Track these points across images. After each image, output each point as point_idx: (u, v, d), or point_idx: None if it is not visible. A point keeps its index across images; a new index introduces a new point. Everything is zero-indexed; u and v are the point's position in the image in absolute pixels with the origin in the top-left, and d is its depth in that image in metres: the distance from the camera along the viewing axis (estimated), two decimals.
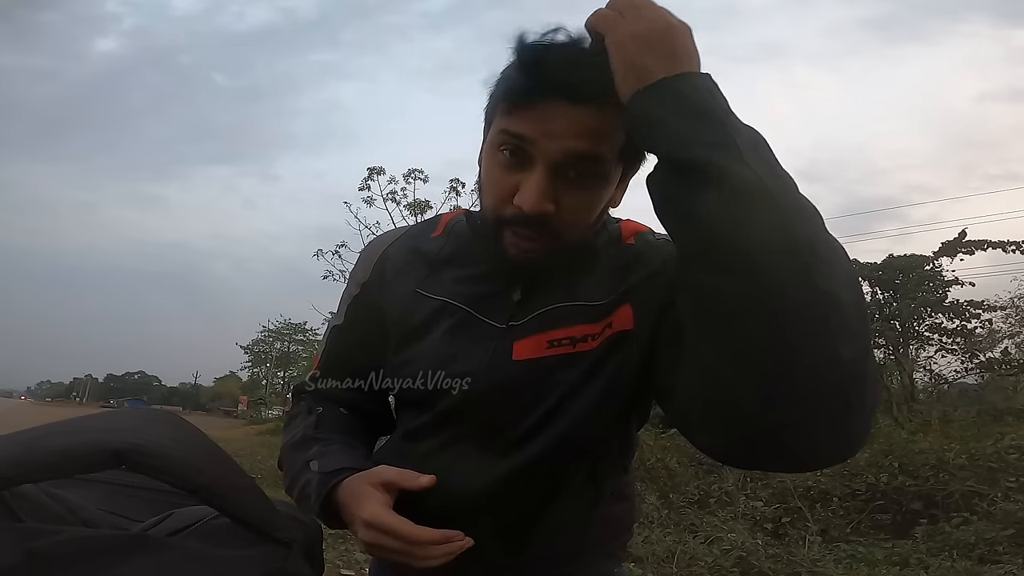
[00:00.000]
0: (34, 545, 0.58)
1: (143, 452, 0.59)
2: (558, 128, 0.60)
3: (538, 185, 0.62)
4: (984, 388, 11.37)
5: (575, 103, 0.60)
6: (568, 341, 0.69)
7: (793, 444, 0.50)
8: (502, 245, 0.67)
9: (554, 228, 0.65)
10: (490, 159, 0.67)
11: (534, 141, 0.61)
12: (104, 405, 61.25)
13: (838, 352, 0.45)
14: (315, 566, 0.79)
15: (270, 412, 33.61)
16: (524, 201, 0.62)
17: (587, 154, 0.61)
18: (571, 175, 0.63)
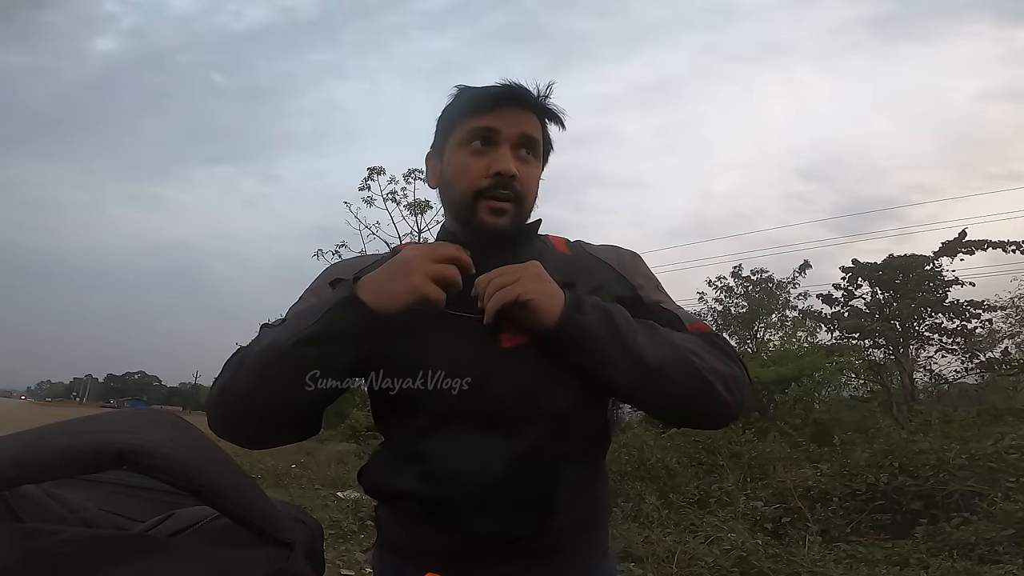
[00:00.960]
0: (35, 545, 0.58)
1: (145, 453, 0.59)
2: (515, 121, 0.86)
3: (508, 155, 0.85)
4: (984, 388, 11.37)
5: (523, 108, 0.88)
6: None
7: (699, 424, 0.92)
8: (478, 217, 0.85)
9: (518, 191, 0.86)
10: (460, 153, 0.87)
11: (499, 129, 0.86)
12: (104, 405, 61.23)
13: (718, 396, 0.80)
14: (316, 566, 0.80)
15: None
16: (501, 165, 0.84)
17: (533, 137, 0.88)
18: (523, 152, 0.88)
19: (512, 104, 0.86)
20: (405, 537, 0.85)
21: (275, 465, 8.65)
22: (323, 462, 9.47)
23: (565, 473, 0.81)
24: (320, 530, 0.86)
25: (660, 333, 0.81)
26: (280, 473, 8.03)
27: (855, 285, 14.15)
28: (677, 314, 0.89)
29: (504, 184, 0.84)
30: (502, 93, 0.86)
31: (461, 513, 0.78)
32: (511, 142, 0.86)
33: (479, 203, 0.85)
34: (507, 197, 0.84)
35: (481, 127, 0.85)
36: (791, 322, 16.51)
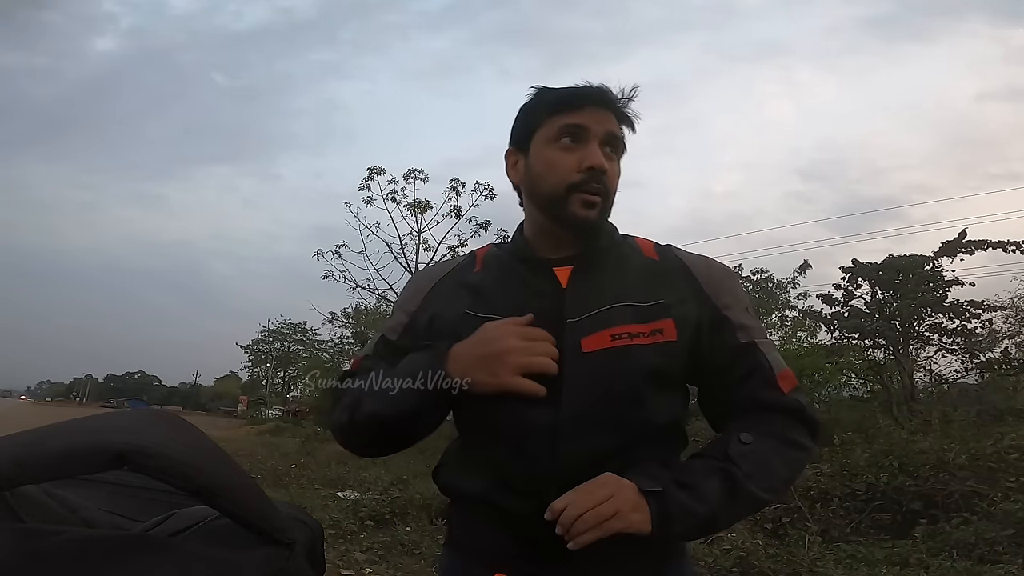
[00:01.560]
0: (36, 545, 0.58)
1: (145, 453, 0.59)
2: (602, 120, 0.90)
3: (598, 150, 0.89)
4: (984, 388, 11.36)
5: (607, 108, 0.91)
6: (627, 335, 0.84)
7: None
8: (570, 210, 0.88)
9: (607, 187, 0.89)
10: (548, 150, 0.90)
11: (589, 127, 0.89)
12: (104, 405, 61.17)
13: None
14: (316, 566, 0.80)
15: (270, 412, 33.59)
16: (594, 159, 0.87)
17: (618, 136, 0.92)
18: (608, 150, 0.91)
19: (599, 104, 0.90)
20: (474, 537, 0.87)
21: (275, 465, 8.66)
22: (323, 462, 9.46)
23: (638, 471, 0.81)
24: (320, 530, 0.86)
25: (740, 492, 0.79)
26: (280, 473, 8.03)
27: (855, 285, 14.13)
28: (765, 362, 0.87)
29: (596, 178, 0.87)
30: (591, 93, 0.90)
31: (532, 519, 0.78)
32: (599, 139, 0.89)
33: (571, 196, 0.88)
34: (598, 191, 0.88)
35: (571, 124, 0.89)
36: (791, 322, 16.51)
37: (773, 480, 0.82)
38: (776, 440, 0.83)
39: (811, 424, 0.86)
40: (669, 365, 0.85)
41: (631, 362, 0.82)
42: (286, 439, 15.42)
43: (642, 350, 0.83)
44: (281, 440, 15.22)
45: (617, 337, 0.83)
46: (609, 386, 0.82)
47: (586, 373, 0.82)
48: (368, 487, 6.89)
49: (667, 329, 0.85)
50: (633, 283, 0.89)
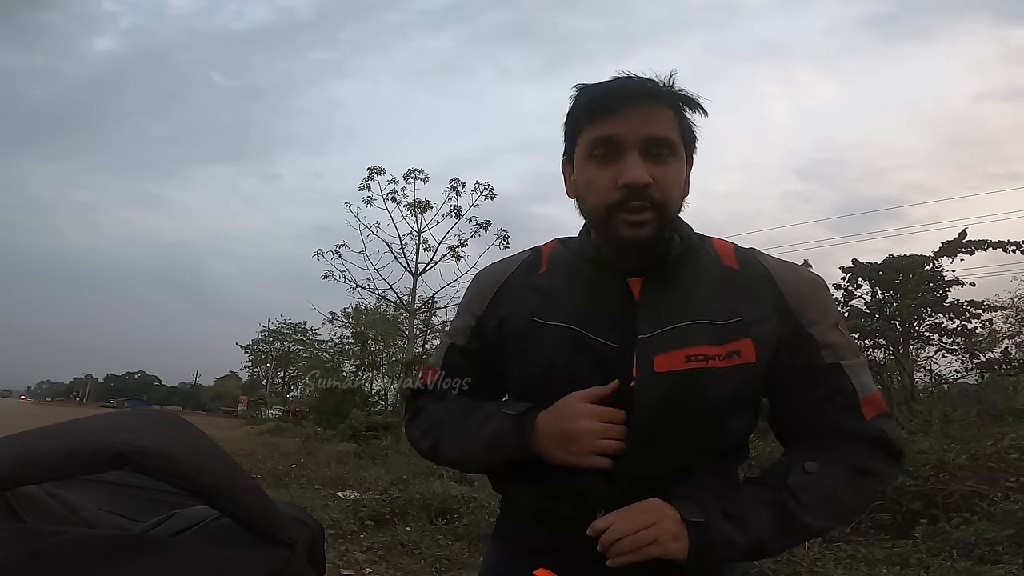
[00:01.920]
0: (38, 545, 0.58)
1: (146, 454, 0.59)
2: (639, 122, 0.78)
3: (636, 162, 0.78)
4: (984, 388, 11.36)
5: (647, 104, 0.79)
6: (703, 357, 0.79)
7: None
8: (615, 231, 0.80)
9: (655, 199, 0.78)
10: (585, 167, 0.82)
11: (623, 136, 0.78)
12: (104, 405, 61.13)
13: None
14: (317, 566, 0.80)
15: (270, 412, 33.60)
16: (629, 175, 0.77)
17: (662, 138, 0.79)
18: (654, 154, 0.79)
19: (635, 102, 0.79)
20: (520, 534, 0.88)
21: (275, 465, 8.65)
22: (323, 462, 9.46)
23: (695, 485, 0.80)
24: (321, 530, 0.86)
25: (794, 524, 0.78)
26: (280, 473, 8.02)
27: (855, 285, 14.13)
28: (851, 387, 0.81)
29: (637, 195, 0.77)
30: (620, 92, 0.79)
31: (580, 524, 0.78)
32: (639, 147, 0.78)
33: (614, 217, 0.79)
34: (643, 207, 0.78)
35: (602, 137, 0.79)
36: None
37: (836, 510, 0.80)
38: (845, 470, 0.79)
39: (893, 452, 0.81)
40: (745, 389, 0.81)
41: (706, 388, 0.78)
42: (286, 439, 15.42)
43: (718, 375, 0.78)
44: (281, 440, 15.22)
45: (692, 359, 0.78)
46: (680, 410, 0.79)
47: (657, 395, 0.78)
48: (368, 487, 6.89)
49: (745, 351, 0.80)
50: (710, 297, 0.82)
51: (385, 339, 21.37)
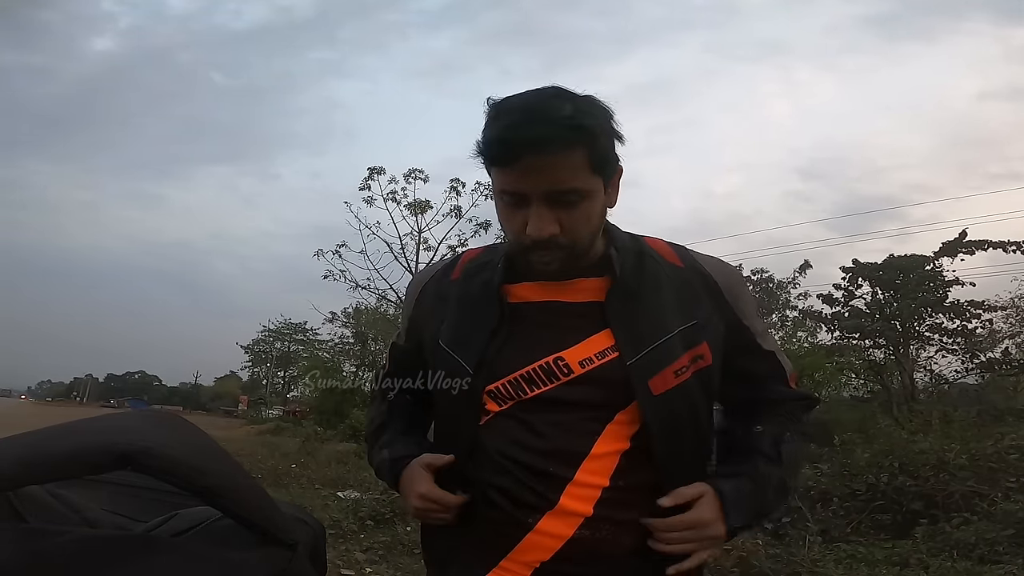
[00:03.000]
0: (40, 545, 0.58)
1: (149, 454, 0.60)
2: (539, 177, 0.76)
3: (539, 217, 0.78)
4: (984, 388, 11.36)
5: (546, 152, 0.75)
6: (684, 370, 0.82)
7: None
8: (530, 261, 0.82)
9: (563, 244, 0.80)
10: (499, 202, 0.83)
11: (525, 192, 0.78)
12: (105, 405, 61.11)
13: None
14: (319, 567, 0.80)
15: (270, 412, 33.57)
16: (532, 231, 0.78)
17: (565, 189, 0.77)
18: (562, 201, 0.78)
19: (533, 152, 0.75)
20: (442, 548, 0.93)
21: (275, 465, 8.64)
22: (323, 462, 9.45)
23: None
24: (322, 531, 0.86)
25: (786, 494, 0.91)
26: (280, 473, 8.01)
27: (855, 285, 14.14)
28: (782, 365, 0.93)
29: (542, 246, 0.79)
30: (517, 141, 0.75)
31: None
32: (543, 199, 0.77)
33: (528, 255, 0.82)
34: (551, 252, 0.80)
35: (507, 189, 0.79)
36: (791, 322, 16.53)
37: (799, 471, 0.99)
38: (800, 436, 0.92)
39: (813, 403, 0.97)
40: (712, 387, 0.86)
41: (693, 397, 0.83)
42: (286, 439, 15.40)
43: (695, 381, 0.83)
44: (281, 440, 15.21)
45: (680, 373, 0.82)
46: (681, 427, 0.83)
47: (663, 418, 0.81)
48: (368, 487, 6.88)
49: (705, 354, 0.84)
50: (671, 303, 0.85)
51: (385, 339, 21.34)
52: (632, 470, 0.82)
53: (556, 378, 0.82)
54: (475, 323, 0.87)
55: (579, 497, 0.80)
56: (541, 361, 0.82)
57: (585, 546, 0.80)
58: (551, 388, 0.82)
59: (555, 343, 0.83)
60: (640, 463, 0.82)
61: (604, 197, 0.83)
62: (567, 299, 0.85)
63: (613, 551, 0.80)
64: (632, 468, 0.82)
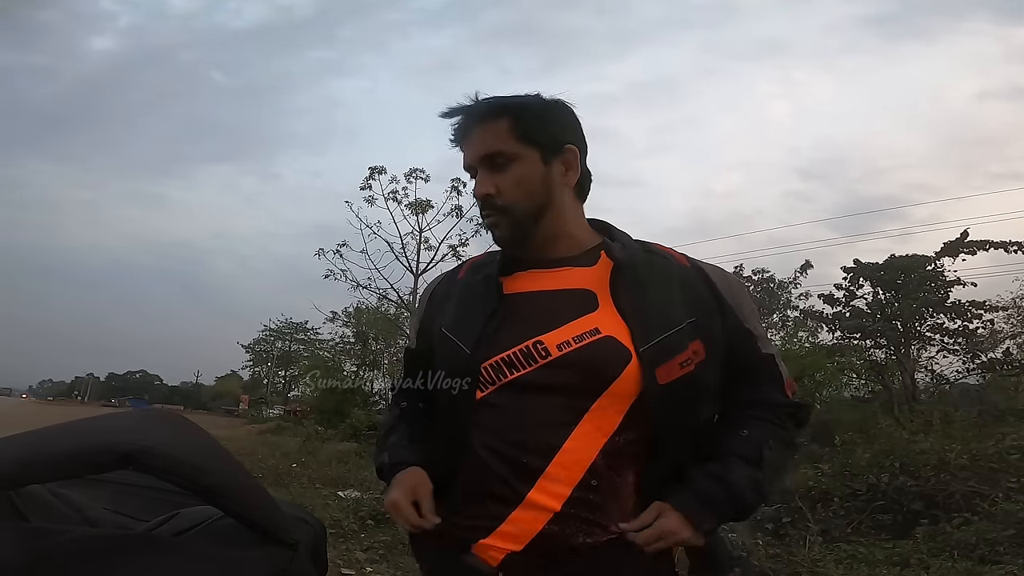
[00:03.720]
0: (42, 545, 0.58)
1: (151, 454, 0.60)
2: (473, 146, 0.92)
3: (478, 181, 0.91)
4: (985, 388, 11.34)
5: (477, 125, 0.92)
6: (688, 362, 0.86)
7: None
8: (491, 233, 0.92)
9: (499, 205, 0.90)
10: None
11: (470, 163, 0.93)
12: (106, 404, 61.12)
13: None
14: (320, 566, 0.80)
15: (271, 411, 33.60)
16: (476, 191, 0.91)
17: (492, 152, 0.90)
18: (495, 164, 0.90)
19: (468, 129, 0.92)
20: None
21: (276, 464, 8.65)
22: (323, 461, 9.46)
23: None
24: (323, 530, 0.86)
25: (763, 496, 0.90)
26: (280, 472, 8.02)
27: (857, 285, 14.12)
28: (779, 370, 0.95)
29: (485, 205, 0.91)
30: (459, 124, 0.93)
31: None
32: (482, 165, 0.91)
33: (485, 222, 0.93)
34: (491, 214, 0.91)
35: (465, 168, 0.94)
36: (792, 322, 16.50)
37: (779, 480, 0.98)
38: (784, 445, 0.93)
39: (805, 418, 0.97)
40: (712, 385, 0.90)
41: (695, 390, 0.87)
42: (287, 438, 15.41)
43: (697, 374, 0.87)
44: (282, 439, 15.21)
45: (684, 364, 0.85)
46: (681, 417, 0.86)
47: (667, 407, 0.84)
48: (369, 486, 6.88)
49: (703, 350, 0.88)
50: (679, 298, 0.89)
51: (386, 339, 21.34)
52: (610, 465, 0.83)
53: (534, 361, 0.84)
54: (474, 310, 0.91)
55: (549, 492, 0.82)
56: (521, 345, 0.85)
57: (555, 540, 0.81)
58: (528, 372, 0.84)
59: (537, 327, 0.86)
60: (622, 456, 0.84)
61: (543, 168, 0.91)
62: (557, 287, 0.90)
63: (583, 546, 0.82)
64: (610, 462, 0.83)
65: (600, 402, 0.83)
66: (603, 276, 0.89)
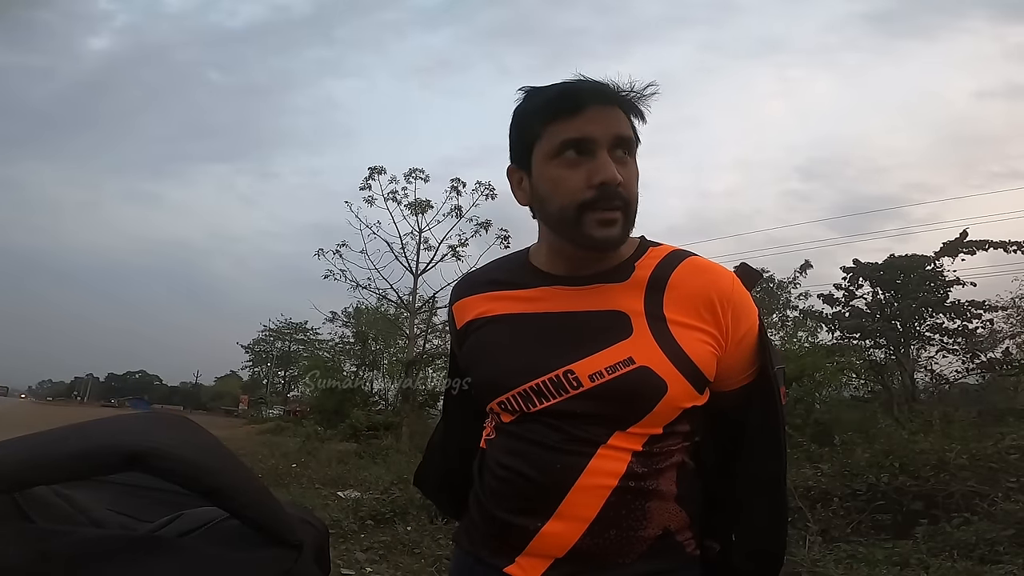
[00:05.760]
0: (48, 546, 0.59)
1: (158, 455, 0.60)
2: (605, 122, 0.79)
3: (607, 161, 0.78)
4: (985, 388, 11.37)
5: (609, 104, 0.80)
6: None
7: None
8: (585, 231, 0.79)
9: (625, 199, 0.80)
10: (550, 168, 0.81)
11: (593, 135, 0.78)
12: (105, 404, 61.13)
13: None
14: (323, 568, 0.80)
15: (270, 411, 33.62)
16: (606, 174, 0.77)
17: (626, 136, 0.81)
18: (619, 154, 0.80)
19: (599, 101, 0.80)
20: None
21: (276, 465, 8.66)
22: (324, 461, 9.47)
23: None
24: (326, 531, 0.87)
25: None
26: (281, 472, 8.03)
27: (856, 285, 14.15)
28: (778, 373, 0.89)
29: (611, 193, 0.78)
30: (588, 92, 0.80)
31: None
32: (608, 145, 0.79)
33: (585, 216, 0.79)
34: (616, 206, 0.79)
35: (573, 137, 0.79)
36: (792, 322, 16.51)
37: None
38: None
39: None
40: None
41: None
42: (286, 438, 15.43)
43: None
44: (281, 439, 15.23)
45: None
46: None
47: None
48: (368, 486, 6.89)
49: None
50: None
51: (386, 339, 21.37)
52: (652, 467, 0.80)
53: (564, 391, 0.80)
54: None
55: (577, 510, 0.79)
56: (551, 374, 0.80)
57: (591, 553, 0.78)
58: (557, 402, 0.80)
59: (569, 354, 0.81)
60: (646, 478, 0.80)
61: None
62: (588, 307, 0.84)
63: (622, 557, 0.79)
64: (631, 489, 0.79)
65: (631, 430, 0.80)
66: (636, 294, 0.83)
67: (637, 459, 0.80)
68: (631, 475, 0.79)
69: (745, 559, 0.84)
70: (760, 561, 0.85)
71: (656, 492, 0.80)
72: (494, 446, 0.87)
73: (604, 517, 0.78)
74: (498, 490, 0.84)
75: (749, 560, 0.84)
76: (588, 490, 0.78)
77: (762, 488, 0.85)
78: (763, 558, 0.85)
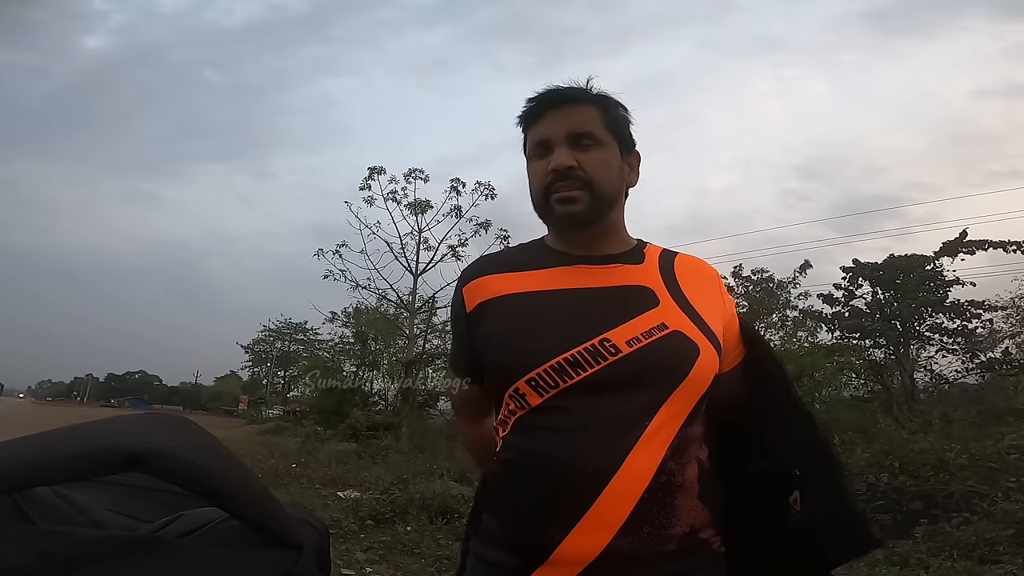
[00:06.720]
0: (48, 546, 0.59)
1: (159, 456, 0.60)
2: (561, 122, 0.92)
3: (562, 152, 0.90)
4: (985, 388, 11.37)
5: (568, 105, 0.93)
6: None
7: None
8: (552, 211, 0.91)
9: (581, 178, 0.89)
10: (530, 164, 0.95)
11: (548, 136, 0.92)
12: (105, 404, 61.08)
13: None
14: (324, 568, 0.80)
15: (270, 412, 33.59)
16: (555, 161, 0.89)
17: (583, 132, 0.91)
18: (584, 143, 0.91)
19: (557, 106, 0.92)
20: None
21: (276, 465, 8.66)
22: (323, 461, 9.46)
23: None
24: (327, 532, 0.87)
25: None
26: (280, 473, 8.03)
27: (856, 285, 14.15)
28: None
29: (563, 176, 0.89)
30: (545, 99, 0.93)
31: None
32: (563, 142, 0.91)
33: (549, 198, 0.91)
34: (571, 186, 0.89)
35: (535, 140, 0.93)
36: (792, 322, 16.49)
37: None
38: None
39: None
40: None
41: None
42: (286, 439, 15.42)
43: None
44: (281, 440, 15.23)
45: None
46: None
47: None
48: (368, 487, 6.89)
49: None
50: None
51: (385, 339, 21.35)
52: (677, 460, 0.80)
53: (603, 359, 0.80)
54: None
55: (613, 505, 0.77)
56: (587, 343, 0.81)
57: (624, 553, 0.76)
58: (596, 370, 0.80)
59: (601, 324, 0.83)
60: (687, 450, 0.81)
61: (620, 162, 0.94)
62: (614, 283, 0.90)
63: (654, 555, 0.78)
64: (678, 457, 0.80)
65: (674, 396, 0.81)
66: (654, 274, 0.92)
67: (670, 452, 0.80)
68: (664, 470, 0.79)
69: (831, 523, 0.84)
70: (848, 522, 0.86)
71: (683, 487, 0.80)
72: (513, 442, 0.85)
73: (638, 514, 0.77)
74: (518, 488, 0.82)
75: (834, 525, 0.84)
76: (628, 481, 0.77)
77: (814, 445, 0.90)
78: (852, 518, 0.88)
